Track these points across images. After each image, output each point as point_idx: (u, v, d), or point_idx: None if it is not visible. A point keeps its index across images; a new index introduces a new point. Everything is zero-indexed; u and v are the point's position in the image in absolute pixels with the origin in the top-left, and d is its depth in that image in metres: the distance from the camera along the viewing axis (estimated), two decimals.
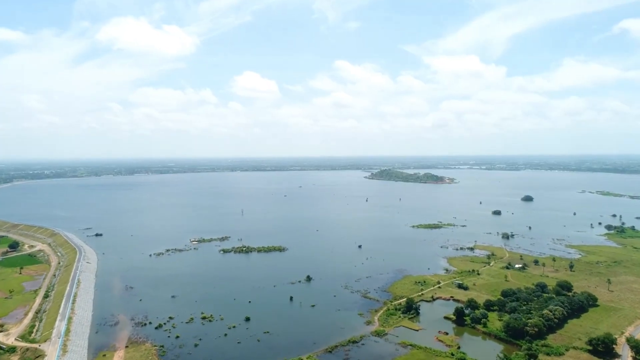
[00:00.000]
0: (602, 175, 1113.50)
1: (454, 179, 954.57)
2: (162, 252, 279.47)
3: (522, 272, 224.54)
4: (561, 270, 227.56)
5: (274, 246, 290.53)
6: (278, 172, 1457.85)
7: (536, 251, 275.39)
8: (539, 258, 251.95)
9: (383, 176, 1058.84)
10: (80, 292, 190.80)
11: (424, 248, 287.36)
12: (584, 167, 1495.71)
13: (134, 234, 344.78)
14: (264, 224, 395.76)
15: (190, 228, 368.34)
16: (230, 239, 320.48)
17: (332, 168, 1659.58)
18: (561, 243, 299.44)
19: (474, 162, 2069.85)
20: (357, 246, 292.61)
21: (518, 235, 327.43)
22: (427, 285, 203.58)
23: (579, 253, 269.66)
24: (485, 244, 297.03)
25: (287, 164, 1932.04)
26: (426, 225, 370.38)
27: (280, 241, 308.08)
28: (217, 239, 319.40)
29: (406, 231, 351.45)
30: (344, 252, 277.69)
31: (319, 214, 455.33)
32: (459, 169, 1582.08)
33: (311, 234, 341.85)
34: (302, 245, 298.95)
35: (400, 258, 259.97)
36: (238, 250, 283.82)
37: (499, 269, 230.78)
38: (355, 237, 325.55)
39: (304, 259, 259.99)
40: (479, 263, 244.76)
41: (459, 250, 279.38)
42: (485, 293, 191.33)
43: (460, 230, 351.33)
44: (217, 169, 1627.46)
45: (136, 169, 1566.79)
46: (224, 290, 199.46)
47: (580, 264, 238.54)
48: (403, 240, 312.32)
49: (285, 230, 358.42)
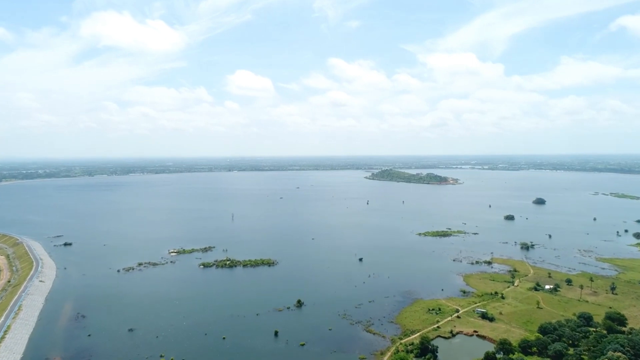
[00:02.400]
0: (608, 175, 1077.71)
1: (457, 180, 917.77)
2: (133, 266, 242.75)
3: (554, 295, 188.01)
4: (601, 293, 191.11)
5: (263, 259, 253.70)
6: (276, 172, 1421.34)
7: (563, 266, 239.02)
8: (570, 276, 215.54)
9: (384, 176, 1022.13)
10: (16, 325, 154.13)
11: (434, 262, 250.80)
12: (588, 167, 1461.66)
13: (107, 243, 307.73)
14: (255, 231, 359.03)
15: (172, 236, 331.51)
16: (215, 250, 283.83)
17: (332, 168, 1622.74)
18: (590, 255, 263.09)
19: (476, 162, 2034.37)
20: (358, 259, 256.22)
21: (539, 245, 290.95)
22: (443, 314, 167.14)
23: (614, 269, 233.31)
24: (504, 257, 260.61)
25: (285, 164, 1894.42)
26: (434, 233, 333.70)
27: (271, 252, 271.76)
28: (199, 250, 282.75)
29: (412, 240, 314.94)
30: (342, 267, 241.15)
31: (316, 219, 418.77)
32: (461, 168, 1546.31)
33: (306, 243, 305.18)
34: (295, 258, 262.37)
35: (407, 275, 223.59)
36: (221, 264, 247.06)
37: (526, 291, 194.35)
38: (355, 247, 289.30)
39: (295, 276, 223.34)
40: (501, 282, 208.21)
41: (475, 265, 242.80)
42: (516, 326, 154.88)
43: (472, 239, 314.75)
44: (215, 169, 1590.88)
45: (132, 168, 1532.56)
46: (195, 320, 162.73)
47: (621, 284, 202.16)
48: (409, 252, 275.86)
49: (278, 239, 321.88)
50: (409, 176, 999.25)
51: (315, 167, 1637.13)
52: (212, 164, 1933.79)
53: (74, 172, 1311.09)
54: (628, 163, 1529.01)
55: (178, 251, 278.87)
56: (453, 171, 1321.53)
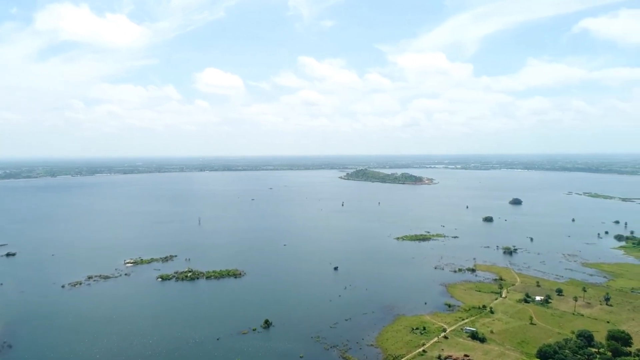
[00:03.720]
0: (577, 174, 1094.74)
1: (432, 180, 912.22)
2: (82, 280, 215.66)
3: (546, 308, 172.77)
4: (594, 304, 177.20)
5: (228, 270, 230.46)
6: (249, 171, 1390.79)
7: (550, 273, 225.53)
8: (560, 284, 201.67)
9: (359, 176, 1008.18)
10: None
11: (415, 270, 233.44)
12: (557, 166, 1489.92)
13: (56, 252, 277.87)
14: (223, 236, 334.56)
15: (131, 243, 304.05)
16: (177, 259, 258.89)
17: (306, 167, 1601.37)
18: (575, 260, 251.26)
19: (449, 161, 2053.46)
20: (333, 268, 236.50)
21: (521, 249, 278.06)
22: (429, 334, 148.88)
23: (602, 275, 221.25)
24: (488, 263, 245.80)
25: (259, 163, 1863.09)
26: (413, 237, 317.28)
27: (239, 261, 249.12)
28: (159, 259, 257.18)
29: (390, 245, 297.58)
30: (316, 278, 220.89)
31: (289, 222, 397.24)
32: (435, 168, 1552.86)
33: (277, 250, 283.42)
34: (265, 267, 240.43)
35: (387, 286, 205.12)
36: (181, 276, 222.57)
37: (516, 303, 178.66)
38: (330, 253, 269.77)
39: (264, 290, 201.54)
40: (488, 293, 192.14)
41: (458, 273, 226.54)
42: (510, 347, 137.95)
43: (452, 243, 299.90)
44: (186, 169, 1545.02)
45: (99, 168, 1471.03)
46: (139, 351, 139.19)
47: (613, 293, 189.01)
48: (388, 259, 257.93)
49: (247, 246, 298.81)
50: (384, 176, 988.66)
51: (289, 167, 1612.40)
52: (183, 163, 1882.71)
53: (36, 172, 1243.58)
54: (595, 162, 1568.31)
55: (135, 261, 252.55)
56: (427, 170, 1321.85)
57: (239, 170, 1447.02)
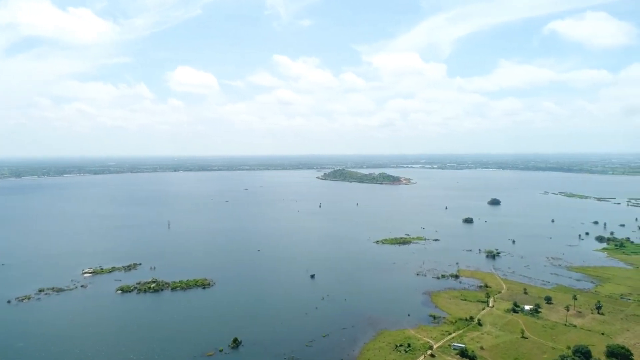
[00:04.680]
0: (550, 174, 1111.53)
1: (410, 180, 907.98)
2: (31, 294, 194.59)
3: (537, 319, 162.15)
4: (586, 313, 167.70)
5: (196, 280, 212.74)
6: (225, 172, 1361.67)
7: (536, 278, 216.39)
8: (547, 291, 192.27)
9: (336, 176, 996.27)
10: None
11: (396, 277, 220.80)
12: (530, 165, 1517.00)
13: (7, 261, 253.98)
14: (193, 242, 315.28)
15: (92, 250, 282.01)
16: (141, 268, 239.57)
17: (283, 167, 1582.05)
18: (559, 264, 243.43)
19: (425, 160, 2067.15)
20: (310, 276, 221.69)
21: (504, 252, 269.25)
22: (414, 352, 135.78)
23: (589, 280, 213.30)
24: (471, 268, 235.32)
25: (235, 163, 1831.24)
26: (392, 240, 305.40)
27: (208, 269, 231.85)
28: (121, 268, 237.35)
29: (369, 249, 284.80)
30: (291, 287, 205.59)
31: (264, 225, 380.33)
32: (412, 168, 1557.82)
33: (250, 256, 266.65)
34: (236, 276, 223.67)
35: (367, 296, 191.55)
36: (144, 287, 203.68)
37: (505, 313, 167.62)
38: (306, 259, 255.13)
39: (234, 302, 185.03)
40: (474, 302, 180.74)
41: (441, 280, 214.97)
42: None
43: (433, 247, 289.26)
44: (160, 169, 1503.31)
45: (68, 168, 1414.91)
46: None
47: (603, 300, 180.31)
48: (367, 264, 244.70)
49: (218, 252, 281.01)
50: (362, 176, 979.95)
51: (266, 167, 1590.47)
52: (157, 163, 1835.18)
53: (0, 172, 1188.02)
54: (566, 162, 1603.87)
55: (94, 271, 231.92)
56: (404, 170, 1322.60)
57: (214, 171, 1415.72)
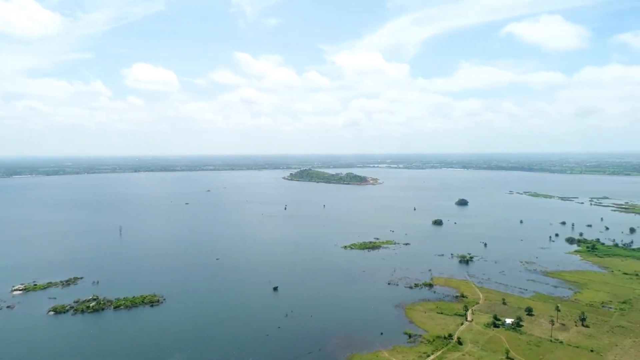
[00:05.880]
0: (512, 173, 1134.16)
1: (377, 180, 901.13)
2: None
3: (520, 335, 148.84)
4: (570, 326, 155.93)
5: (144, 296, 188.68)
6: (188, 172, 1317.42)
7: (513, 286, 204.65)
8: (527, 301, 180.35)
9: (303, 177, 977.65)
10: None
11: (366, 287, 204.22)
12: (493, 165, 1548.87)
13: None
14: (145, 250, 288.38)
15: (26, 262, 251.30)
16: (82, 283, 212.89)
17: (248, 168, 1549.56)
18: (534, 268, 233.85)
19: (391, 160, 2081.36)
20: (272, 288, 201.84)
21: (477, 257, 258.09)
22: None
23: (567, 286, 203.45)
24: (444, 275, 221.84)
25: (199, 164, 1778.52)
26: (361, 245, 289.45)
27: (159, 283, 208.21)
28: (59, 284, 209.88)
29: (337, 256, 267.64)
30: (251, 302, 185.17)
31: (225, 231, 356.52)
32: (378, 167, 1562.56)
33: (208, 266, 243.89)
34: (190, 290, 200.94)
35: (335, 310, 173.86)
36: (82, 307, 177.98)
37: (485, 328, 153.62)
38: (269, 268, 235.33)
39: (185, 322, 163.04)
40: (451, 316, 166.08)
41: (414, 290, 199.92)
42: None
43: (404, 252, 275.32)
44: (119, 169, 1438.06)
45: (19, 169, 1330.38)
46: None
47: (585, 309, 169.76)
48: (335, 273, 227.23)
49: (173, 261, 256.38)
50: (329, 176, 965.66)
51: (231, 167, 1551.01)
52: (117, 163, 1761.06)
53: None
54: (526, 162, 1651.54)
55: (26, 287, 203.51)
56: (371, 170, 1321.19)
57: (177, 171, 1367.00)
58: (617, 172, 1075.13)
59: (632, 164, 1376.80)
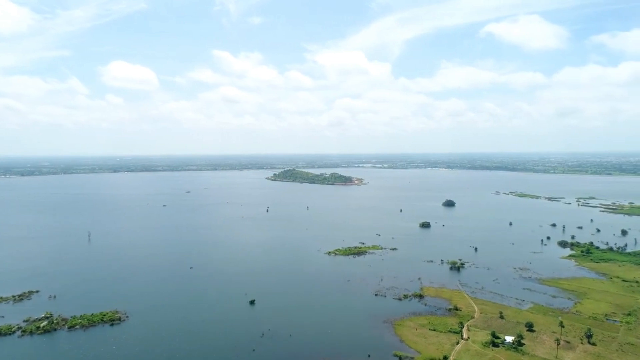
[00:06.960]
0: (497, 173, 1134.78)
1: (362, 180, 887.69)
2: None
3: (521, 355, 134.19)
4: (575, 344, 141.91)
5: (104, 313, 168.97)
6: (170, 172, 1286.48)
7: (509, 296, 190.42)
8: (526, 314, 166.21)
9: (287, 177, 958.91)
10: None
11: (352, 300, 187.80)
12: (477, 165, 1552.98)
13: None
14: (114, 258, 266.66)
15: None
16: (37, 297, 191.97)
17: (232, 167, 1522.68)
18: (529, 275, 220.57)
19: (375, 160, 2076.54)
20: (249, 301, 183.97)
21: (468, 263, 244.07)
22: None
23: (566, 296, 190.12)
24: (435, 284, 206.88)
25: (182, 163, 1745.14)
26: (346, 251, 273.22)
27: (124, 297, 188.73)
28: (9, 299, 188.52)
29: (320, 262, 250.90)
30: (225, 319, 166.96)
31: (202, 235, 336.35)
32: (363, 167, 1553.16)
33: (180, 276, 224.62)
34: (157, 305, 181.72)
35: (318, 328, 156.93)
36: (31, 328, 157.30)
37: (483, 348, 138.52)
38: (247, 278, 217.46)
39: (148, 344, 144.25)
40: (445, 333, 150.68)
41: (404, 301, 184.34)
42: None
43: (391, 257, 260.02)
44: (98, 169, 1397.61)
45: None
46: None
47: (590, 324, 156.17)
48: (318, 283, 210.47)
49: (142, 271, 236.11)
50: (313, 176, 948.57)
51: (213, 167, 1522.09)
52: (96, 163, 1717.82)
53: None
54: (509, 161, 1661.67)
55: None
56: (355, 170, 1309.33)
57: (158, 171, 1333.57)
58: (599, 172, 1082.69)
59: (612, 163, 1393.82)
